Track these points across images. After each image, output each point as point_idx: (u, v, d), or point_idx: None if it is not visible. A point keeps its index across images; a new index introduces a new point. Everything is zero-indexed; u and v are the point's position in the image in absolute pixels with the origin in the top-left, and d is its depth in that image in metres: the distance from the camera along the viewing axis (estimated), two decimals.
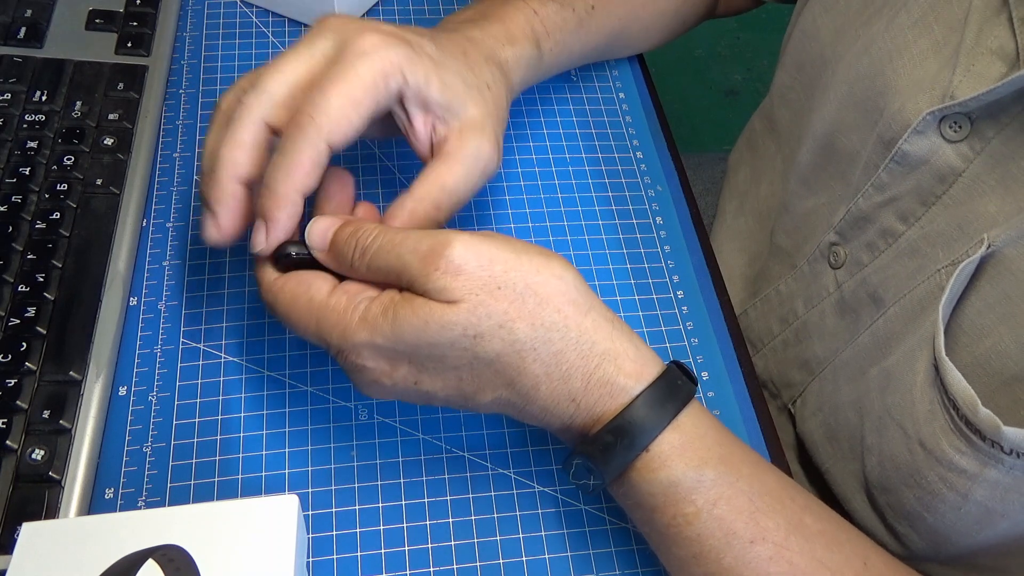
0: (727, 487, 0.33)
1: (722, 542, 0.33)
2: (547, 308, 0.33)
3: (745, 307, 0.57)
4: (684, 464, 0.33)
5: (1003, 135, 0.37)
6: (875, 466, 0.42)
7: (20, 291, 0.41)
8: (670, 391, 0.34)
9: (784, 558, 0.33)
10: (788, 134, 0.55)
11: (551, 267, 0.34)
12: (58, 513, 0.37)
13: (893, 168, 0.41)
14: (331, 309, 0.33)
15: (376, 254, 0.34)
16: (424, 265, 0.32)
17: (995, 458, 0.35)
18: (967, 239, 0.38)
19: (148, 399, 0.41)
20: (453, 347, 0.32)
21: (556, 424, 0.35)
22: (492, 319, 0.32)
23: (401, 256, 0.33)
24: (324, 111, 0.34)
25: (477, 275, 0.32)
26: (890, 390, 0.41)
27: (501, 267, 0.33)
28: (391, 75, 0.36)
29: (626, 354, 0.34)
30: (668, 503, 0.34)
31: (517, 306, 0.33)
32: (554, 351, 0.33)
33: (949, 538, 0.40)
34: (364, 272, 0.34)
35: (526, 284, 0.33)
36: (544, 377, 0.33)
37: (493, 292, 0.32)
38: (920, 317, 0.40)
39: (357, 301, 0.33)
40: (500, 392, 0.34)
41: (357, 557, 0.38)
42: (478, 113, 0.39)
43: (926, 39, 0.40)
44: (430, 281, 0.32)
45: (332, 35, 0.36)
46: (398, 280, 0.33)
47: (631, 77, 0.57)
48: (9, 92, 0.48)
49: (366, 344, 0.33)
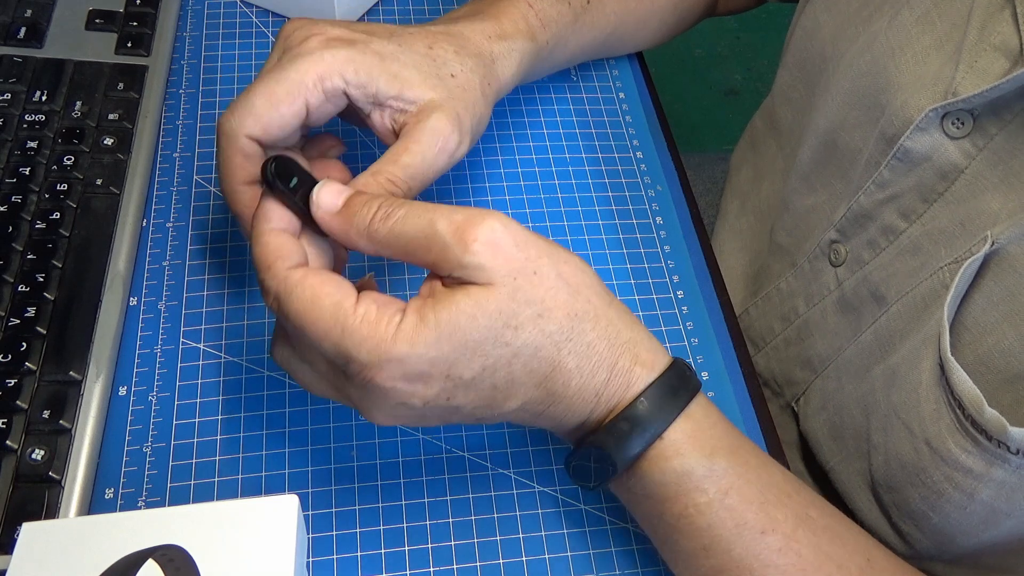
0: (737, 477, 0.34)
1: (733, 532, 0.33)
2: (579, 298, 0.33)
3: (746, 306, 0.57)
4: (697, 452, 0.33)
5: (1006, 132, 0.37)
6: (881, 465, 0.42)
7: (20, 291, 0.41)
8: (681, 380, 0.34)
9: (793, 550, 0.33)
10: (789, 133, 0.55)
11: (575, 260, 0.34)
12: (58, 513, 0.37)
13: (895, 165, 0.41)
14: (363, 319, 0.30)
15: (405, 218, 0.32)
16: (459, 236, 0.30)
17: (1001, 458, 0.35)
18: (970, 236, 0.38)
19: (148, 399, 0.41)
20: (496, 343, 0.31)
21: (572, 422, 0.35)
22: (531, 307, 0.32)
23: (433, 222, 0.31)
24: (244, 110, 0.36)
25: (514, 256, 0.31)
26: (895, 388, 0.41)
27: (535, 251, 0.32)
28: (326, 76, 0.36)
29: (642, 343, 0.34)
30: (680, 492, 0.34)
31: (553, 294, 0.32)
32: (587, 343, 0.33)
33: (954, 537, 0.40)
34: (382, 237, 0.32)
35: (558, 272, 0.33)
36: (576, 372, 0.33)
37: (530, 277, 0.32)
38: (923, 315, 0.40)
39: (390, 313, 0.31)
40: (530, 394, 0.33)
41: (357, 557, 0.38)
42: (436, 96, 0.38)
43: (929, 35, 0.40)
44: (468, 253, 0.30)
45: (281, 42, 0.39)
46: (426, 249, 0.31)
47: (631, 77, 0.57)
48: (9, 92, 0.48)
49: (405, 358, 0.30)
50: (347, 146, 0.42)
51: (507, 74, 0.44)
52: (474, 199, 0.50)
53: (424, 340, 0.30)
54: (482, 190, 0.50)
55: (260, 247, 0.33)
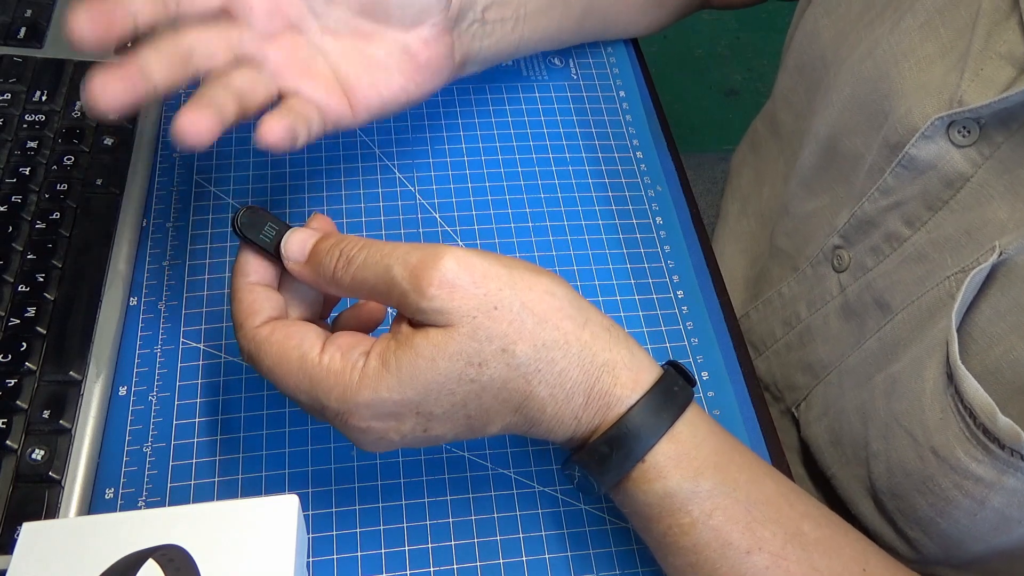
0: (723, 497, 0.33)
1: (718, 553, 0.33)
2: (546, 327, 0.32)
3: (747, 309, 0.57)
4: (680, 475, 0.33)
5: (1012, 141, 0.37)
6: (883, 472, 0.42)
7: (20, 291, 0.41)
8: (666, 399, 0.33)
9: (781, 568, 0.33)
10: (790, 136, 0.55)
11: (542, 283, 0.33)
12: (58, 513, 0.37)
13: (900, 172, 0.41)
14: (328, 370, 0.31)
15: (363, 265, 0.32)
16: (415, 281, 0.31)
17: (1014, 466, 0.35)
18: (976, 246, 0.38)
19: (148, 399, 0.41)
20: (460, 381, 0.31)
21: (560, 438, 0.35)
22: (493, 343, 0.31)
23: (390, 268, 0.32)
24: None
25: (472, 293, 0.31)
26: (896, 396, 0.41)
27: (495, 284, 0.32)
28: None
29: (622, 363, 0.33)
30: (664, 513, 0.33)
31: (516, 327, 0.32)
32: (557, 371, 0.32)
33: (963, 543, 0.40)
34: (347, 284, 0.33)
35: (522, 303, 0.32)
36: (550, 399, 0.33)
37: (490, 313, 0.31)
38: (928, 324, 0.40)
39: (354, 359, 0.32)
40: (508, 419, 0.33)
41: (357, 557, 0.38)
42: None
43: (932, 43, 0.40)
44: (424, 299, 0.31)
45: None
46: (386, 295, 0.32)
47: (631, 76, 0.57)
48: (9, 92, 0.48)
49: (371, 403, 0.31)
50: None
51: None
52: (474, 198, 0.50)
53: (387, 385, 0.31)
54: (482, 189, 0.50)
55: (235, 304, 0.34)
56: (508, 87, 0.55)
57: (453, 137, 0.52)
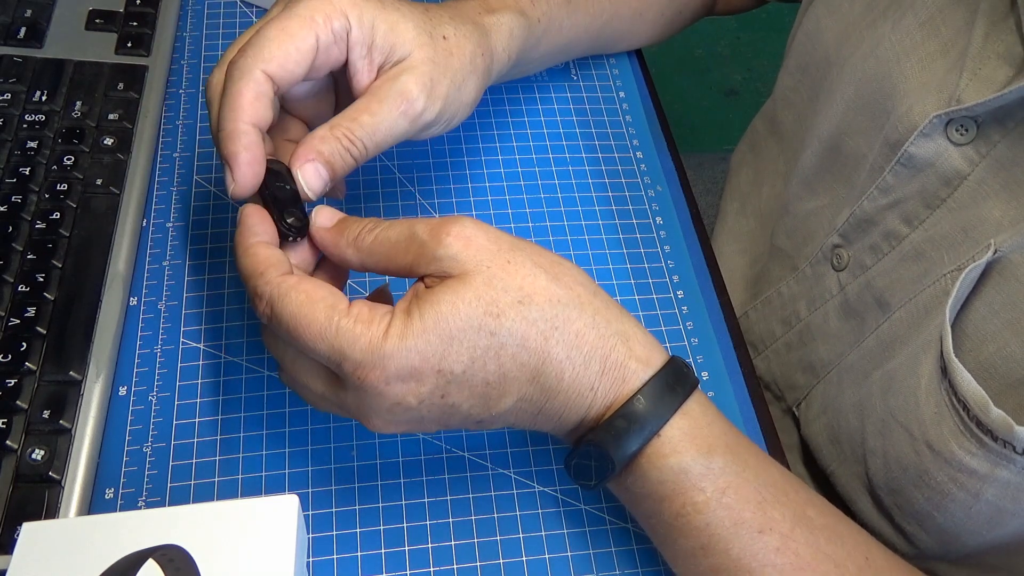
0: (735, 476, 0.34)
1: (730, 531, 0.33)
2: (560, 284, 0.33)
3: (746, 309, 0.57)
4: (695, 450, 0.33)
5: (1008, 139, 0.37)
6: (880, 468, 0.42)
7: (20, 291, 0.41)
8: (678, 377, 0.34)
9: (790, 549, 0.33)
10: (791, 136, 0.55)
11: (551, 254, 0.35)
12: (58, 513, 0.37)
13: (899, 170, 0.41)
14: (356, 318, 0.32)
15: (388, 227, 0.34)
16: (434, 233, 0.33)
17: (1007, 458, 0.35)
18: (972, 243, 0.38)
19: (148, 399, 0.41)
20: (480, 331, 0.32)
21: (571, 420, 0.35)
22: (509, 294, 0.32)
23: (412, 226, 0.33)
24: (259, 44, 0.35)
25: (486, 247, 0.33)
26: (892, 393, 0.41)
27: (507, 244, 0.33)
28: (333, 16, 0.36)
29: (635, 337, 0.34)
30: (678, 491, 0.34)
31: (530, 281, 0.33)
32: (574, 330, 0.33)
33: (959, 537, 0.40)
34: (369, 245, 0.34)
35: (534, 262, 0.33)
36: (567, 362, 0.33)
37: (504, 266, 0.33)
38: (924, 321, 0.40)
39: (381, 313, 0.32)
40: (524, 390, 0.33)
41: (357, 557, 0.38)
42: (421, 57, 0.38)
43: (934, 41, 0.40)
44: (441, 247, 0.32)
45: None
46: (404, 253, 0.33)
47: (631, 77, 0.57)
48: (9, 92, 0.48)
49: (396, 353, 0.31)
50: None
51: (500, 46, 0.43)
52: (474, 198, 0.50)
53: (412, 333, 0.31)
54: (482, 190, 0.50)
55: (249, 258, 0.34)
56: (508, 88, 0.55)
57: (453, 137, 0.53)
